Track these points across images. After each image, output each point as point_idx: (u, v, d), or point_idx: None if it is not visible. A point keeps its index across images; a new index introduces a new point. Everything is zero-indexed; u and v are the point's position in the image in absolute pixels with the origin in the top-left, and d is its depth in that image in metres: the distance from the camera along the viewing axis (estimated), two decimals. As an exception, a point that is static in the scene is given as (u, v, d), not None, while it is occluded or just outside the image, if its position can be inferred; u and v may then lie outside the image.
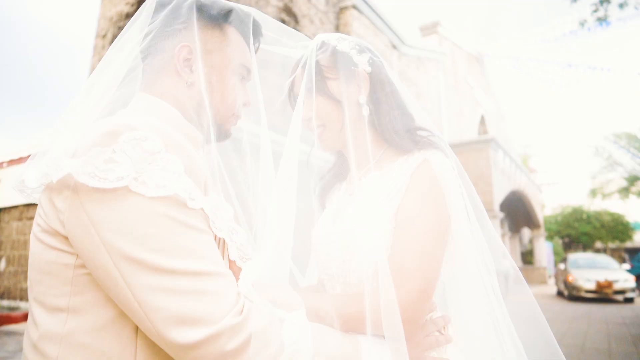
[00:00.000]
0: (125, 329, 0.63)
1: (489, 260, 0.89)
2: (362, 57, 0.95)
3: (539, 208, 23.21)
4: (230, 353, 0.59)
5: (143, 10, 0.82)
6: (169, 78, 0.81)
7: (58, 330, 0.63)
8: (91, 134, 0.64)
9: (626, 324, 8.90)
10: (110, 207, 0.61)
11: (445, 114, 16.62)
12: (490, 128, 22.42)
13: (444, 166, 0.87)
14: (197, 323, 0.59)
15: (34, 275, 0.67)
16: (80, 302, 0.63)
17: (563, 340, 7.00)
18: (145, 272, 0.59)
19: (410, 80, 13.97)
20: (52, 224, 0.64)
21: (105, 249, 0.60)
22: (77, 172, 0.60)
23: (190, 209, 0.64)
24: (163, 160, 0.64)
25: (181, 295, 0.59)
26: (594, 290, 13.50)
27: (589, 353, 6.05)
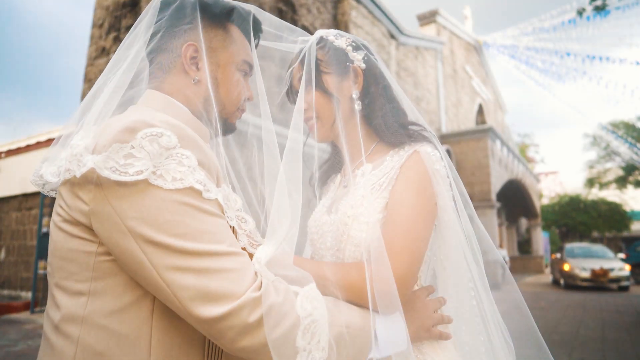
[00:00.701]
0: (142, 312, 0.68)
1: (477, 250, 0.93)
2: (358, 53, 0.98)
3: (537, 198, 23.32)
4: (251, 325, 0.64)
5: (149, 9, 0.85)
6: (176, 76, 0.85)
7: (79, 312, 0.67)
8: (110, 130, 0.67)
9: (620, 312, 9.02)
10: (132, 198, 0.65)
11: (444, 103, 16.61)
12: (488, 118, 22.42)
13: (432, 157, 0.91)
14: (220, 299, 0.64)
15: (55, 262, 0.71)
16: (101, 286, 0.68)
17: (558, 328, 7.10)
18: (171, 255, 0.64)
19: (408, 70, 13.94)
20: (75, 214, 0.68)
21: (131, 236, 0.64)
22: (99, 167, 0.63)
23: (205, 199, 0.69)
24: (178, 155, 0.68)
25: (205, 274, 0.64)
26: (589, 279, 13.76)
27: (583, 340, 6.15)
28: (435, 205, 0.89)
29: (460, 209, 0.93)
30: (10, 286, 10.59)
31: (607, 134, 25.43)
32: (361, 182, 0.94)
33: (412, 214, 0.84)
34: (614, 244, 33.46)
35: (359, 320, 0.76)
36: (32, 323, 7.68)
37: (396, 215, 0.85)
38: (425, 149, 0.92)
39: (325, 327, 0.69)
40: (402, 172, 0.90)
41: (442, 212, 0.91)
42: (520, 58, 20.88)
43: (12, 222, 11.01)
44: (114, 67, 0.83)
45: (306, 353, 0.67)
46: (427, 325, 0.88)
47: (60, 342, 0.68)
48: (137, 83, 0.83)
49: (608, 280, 13.61)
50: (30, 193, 10.51)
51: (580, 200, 30.01)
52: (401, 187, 0.88)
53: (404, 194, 0.87)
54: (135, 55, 0.82)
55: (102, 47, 8.73)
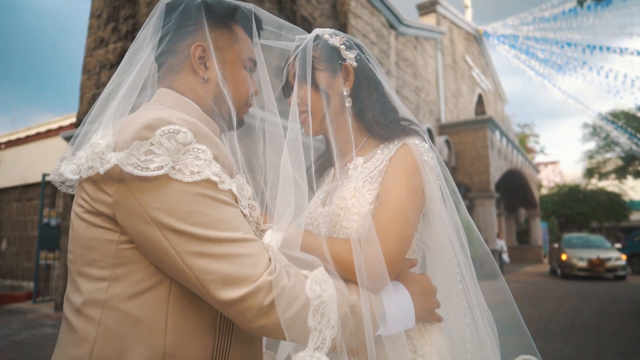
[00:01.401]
0: (158, 297, 0.73)
1: (463, 238, 0.98)
2: (350, 52, 1.02)
3: (536, 188, 23.38)
4: (267, 307, 0.69)
5: (155, 12, 0.89)
6: (186, 76, 0.89)
7: (100, 297, 0.72)
8: (130, 128, 0.72)
9: (617, 301, 9.11)
10: (154, 191, 0.70)
11: (443, 93, 16.58)
12: (488, 108, 22.39)
13: (421, 149, 0.95)
14: (239, 282, 0.69)
15: (77, 250, 0.76)
16: (121, 273, 0.72)
17: (554, 317, 7.18)
18: (192, 242, 0.69)
19: (407, 60, 13.90)
20: (98, 206, 0.73)
21: (155, 225, 0.69)
22: (122, 163, 0.68)
23: (220, 190, 0.74)
24: (195, 150, 0.72)
25: (224, 260, 0.69)
26: (586, 269, 13.93)
27: (579, 329, 6.23)
28: (423, 193, 0.93)
29: (447, 199, 0.97)
30: (12, 276, 10.68)
31: (607, 124, 25.39)
32: (353, 175, 0.98)
33: (401, 199, 0.88)
34: (612, 234, 33.59)
35: (371, 301, 0.81)
36: (35, 312, 7.76)
37: (386, 201, 0.89)
38: (414, 141, 0.96)
39: (334, 308, 0.74)
40: (391, 163, 0.94)
41: (429, 201, 0.95)
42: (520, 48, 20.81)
43: (13, 212, 11.07)
44: (126, 69, 0.87)
45: (317, 332, 0.72)
46: (431, 308, 0.93)
47: (82, 324, 0.72)
48: (151, 84, 0.88)
49: (605, 270, 13.79)
50: (30, 184, 10.55)
51: (580, 190, 30.05)
52: (390, 176, 0.92)
53: (393, 181, 0.91)
54: (146, 58, 0.86)
55: (100, 38, 8.71)
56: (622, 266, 13.90)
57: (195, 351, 0.74)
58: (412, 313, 0.87)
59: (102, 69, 8.44)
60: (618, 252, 14.52)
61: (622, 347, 5.21)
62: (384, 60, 12.21)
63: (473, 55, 21.18)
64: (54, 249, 8.89)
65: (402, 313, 0.86)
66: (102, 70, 8.43)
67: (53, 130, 10.48)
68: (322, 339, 0.71)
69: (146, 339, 0.71)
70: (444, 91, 16.80)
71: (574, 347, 5.17)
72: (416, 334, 0.90)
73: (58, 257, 8.55)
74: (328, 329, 0.72)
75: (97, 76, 8.50)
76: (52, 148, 9.99)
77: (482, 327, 0.95)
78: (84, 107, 8.55)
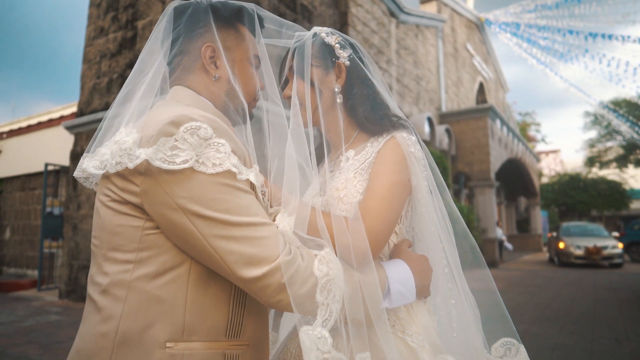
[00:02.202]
0: (179, 278, 0.80)
1: (449, 228, 1.03)
2: (344, 52, 1.07)
3: (536, 177, 23.39)
4: (284, 284, 0.76)
5: (164, 16, 0.96)
6: (198, 75, 0.96)
7: (126, 278, 0.79)
8: (154, 124, 0.79)
9: (614, 289, 9.21)
10: (180, 182, 0.77)
11: (444, 82, 16.54)
12: (489, 96, 22.32)
13: (408, 141, 1.01)
14: (260, 262, 0.76)
15: (104, 236, 0.83)
16: (145, 256, 0.80)
17: (552, 304, 7.28)
18: (217, 226, 0.76)
19: (408, 48, 13.85)
20: (125, 195, 0.80)
21: (182, 212, 0.76)
22: (151, 158, 0.75)
23: (239, 180, 0.81)
24: (215, 144, 0.79)
25: (245, 242, 0.76)
26: (582, 257, 14.20)
27: (575, 316, 6.33)
28: (409, 181, 0.99)
29: (434, 189, 1.03)
30: (16, 264, 10.79)
31: (609, 112, 25.30)
32: (345, 167, 1.04)
33: (387, 186, 0.94)
34: (613, 222, 33.66)
35: (374, 278, 0.89)
36: (40, 300, 7.88)
37: (373, 186, 0.96)
38: (402, 134, 1.01)
39: (340, 284, 0.81)
40: (379, 155, 1.00)
41: (416, 191, 1.01)
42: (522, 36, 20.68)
43: (16, 202, 11.15)
44: (141, 70, 0.94)
45: (325, 307, 0.79)
46: (428, 285, 1.01)
47: (109, 303, 0.79)
48: (165, 84, 0.96)
49: (601, 258, 14.03)
50: (33, 173, 10.61)
51: (580, 179, 30.04)
52: (378, 165, 0.98)
53: (380, 170, 0.97)
54: (161, 60, 0.93)
55: (100, 27, 8.70)
56: (618, 254, 14.12)
57: (211, 326, 0.81)
58: (413, 289, 0.95)
59: (102, 59, 8.44)
60: (615, 241, 14.72)
61: (616, 334, 5.30)
62: (385, 48, 12.17)
63: (474, 43, 21.07)
64: (57, 237, 8.99)
65: (405, 289, 0.94)
66: (102, 60, 8.44)
67: (55, 120, 10.51)
68: (329, 312, 0.78)
69: (167, 315, 0.78)
70: (445, 80, 16.75)
71: (569, 333, 5.27)
72: (405, 315, 0.96)
73: (62, 246, 8.66)
74: (334, 303, 0.79)
75: (97, 65, 8.51)
76: (54, 137, 10.03)
77: (466, 308, 1.01)
78: (85, 96, 8.58)
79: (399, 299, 0.93)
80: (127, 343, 0.77)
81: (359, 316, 0.84)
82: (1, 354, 4.38)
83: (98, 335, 0.78)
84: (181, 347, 0.78)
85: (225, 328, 0.83)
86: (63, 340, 4.89)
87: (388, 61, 12.34)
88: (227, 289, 0.84)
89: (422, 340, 0.93)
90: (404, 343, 0.92)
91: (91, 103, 8.42)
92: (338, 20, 10.25)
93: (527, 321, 5.90)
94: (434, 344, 0.94)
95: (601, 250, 14.07)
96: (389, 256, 1.01)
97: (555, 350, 4.53)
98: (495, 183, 15.38)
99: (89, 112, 8.36)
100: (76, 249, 7.94)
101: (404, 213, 1.03)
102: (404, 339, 0.93)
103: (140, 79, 0.93)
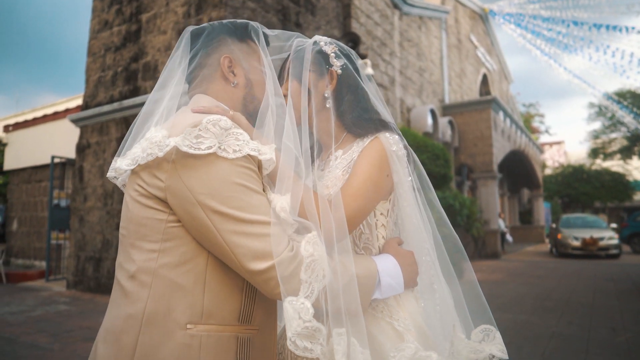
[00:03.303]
0: (198, 267, 0.89)
1: (430, 217, 1.13)
2: (338, 61, 1.16)
3: (539, 169, 23.38)
4: (286, 277, 0.84)
5: (182, 40, 1.08)
6: (218, 84, 1.08)
7: (151, 266, 0.89)
8: (182, 122, 0.90)
9: (614, 280, 9.29)
10: (200, 173, 0.86)
11: (447, 74, 16.52)
12: (493, 88, 22.26)
13: (390, 140, 1.09)
14: (266, 257, 0.84)
15: (131, 227, 0.93)
16: (168, 246, 0.89)
17: (552, 295, 7.37)
18: (230, 222, 0.85)
19: (411, 40, 13.84)
20: (152, 190, 0.90)
21: (200, 207, 0.86)
22: (179, 144, 0.84)
23: (256, 178, 0.91)
24: (235, 133, 0.89)
25: (254, 238, 0.85)
26: (579, 247, 14.60)
27: (573, 306, 6.42)
28: (388, 177, 1.07)
29: (417, 186, 1.12)
30: (24, 255, 10.96)
31: (613, 104, 25.19)
32: (334, 165, 1.12)
33: (364, 177, 1.03)
34: (616, 214, 33.63)
35: (366, 271, 0.98)
36: (48, 290, 8.03)
37: (352, 174, 1.05)
38: (384, 134, 1.09)
39: (324, 265, 0.89)
40: (362, 152, 1.08)
41: (397, 186, 1.09)
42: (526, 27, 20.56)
43: (23, 194, 11.29)
44: (164, 85, 1.05)
45: (307, 284, 0.87)
46: (415, 278, 1.09)
47: (136, 288, 0.89)
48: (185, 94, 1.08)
49: (597, 249, 14.38)
50: (39, 166, 10.73)
51: (584, 170, 29.99)
52: (360, 159, 1.07)
53: (360, 164, 1.06)
54: (181, 73, 1.05)
55: (104, 20, 8.75)
56: (615, 245, 14.48)
57: (226, 310, 0.91)
58: (401, 281, 1.04)
59: (107, 52, 8.51)
60: (612, 232, 15.03)
61: (613, 323, 5.39)
62: (388, 40, 12.18)
63: (478, 34, 20.98)
64: (64, 229, 9.13)
65: (394, 281, 1.03)
66: (107, 53, 8.50)
67: (60, 113, 10.61)
68: (311, 289, 0.86)
69: (188, 300, 0.88)
70: (448, 71, 16.73)
71: (567, 323, 5.36)
72: (392, 302, 1.05)
73: (68, 238, 8.80)
74: (317, 281, 0.87)
75: (102, 59, 8.58)
76: (59, 130, 10.14)
77: (447, 294, 1.10)
78: (90, 89, 8.66)
79: (388, 291, 1.01)
80: (153, 323, 0.87)
81: (354, 305, 0.92)
82: (13, 342, 4.52)
83: (126, 316, 0.88)
84: (200, 329, 0.88)
85: (238, 314, 0.93)
86: (72, 329, 5.03)
87: (391, 53, 12.35)
88: (240, 280, 0.93)
89: (409, 325, 1.01)
90: (392, 327, 1.01)
91: (96, 96, 8.50)
92: (341, 12, 10.26)
93: (526, 311, 6.00)
94: (420, 327, 1.02)
95: (597, 241, 14.41)
96: (380, 250, 1.09)
97: (553, 339, 4.63)
98: (498, 175, 15.42)
99: (94, 105, 8.44)
100: (83, 240, 8.08)
101: (391, 207, 1.11)
102: (391, 323, 1.02)
103: (162, 93, 1.04)
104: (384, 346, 0.96)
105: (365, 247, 1.10)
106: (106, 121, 8.17)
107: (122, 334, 0.88)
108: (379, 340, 0.96)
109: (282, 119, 1.01)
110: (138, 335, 0.86)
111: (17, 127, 11.68)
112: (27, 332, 4.91)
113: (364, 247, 1.10)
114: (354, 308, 0.92)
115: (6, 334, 4.83)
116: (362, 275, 0.96)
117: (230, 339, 0.91)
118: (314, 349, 0.82)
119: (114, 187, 7.76)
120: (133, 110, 7.56)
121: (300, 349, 0.82)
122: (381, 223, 1.11)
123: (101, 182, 8.01)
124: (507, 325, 5.13)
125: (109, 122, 8.12)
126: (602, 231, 15.02)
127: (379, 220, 1.11)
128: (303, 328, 0.82)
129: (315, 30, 9.14)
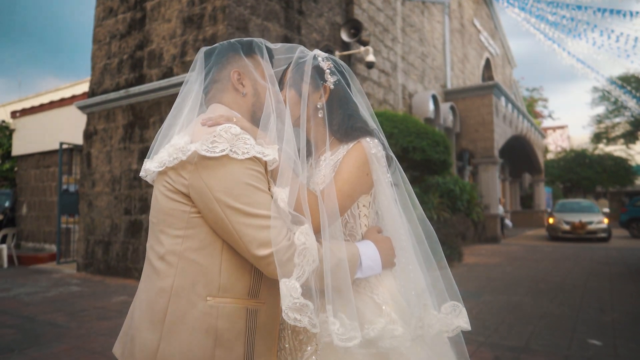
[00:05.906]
0: (215, 250, 1.07)
1: (403, 208, 1.32)
2: (332, 77, 1.33)
3: (541, 154, 23.41)
4: (283, 261, 1.01)
5: (197, 60, 1.26)
6: (230, 94, 1.25)
7: (177, 249, 1.07)
8: (201, 129, 1.07)
9: (609, 264, 9.49)
10: (217, 173, 1.03)
11: (449, 59, 16.52)
12: (496, 73, 22.19)
13: (370, 144, 1.26)
14: (268, 245, 1.01)
15: (160, 216, 1.11)
16: (190, 233, 1.07)
17: (547, 278, 7.58)
18: (240, 215, 1.02)
19: (414, 25, 13.84)
20: (178, 186, 1.07)
21: (216, 202, 1.03)
22: (199, 149, 1.02)
23: (262, 178, 1.06)
24: (243, 138, 1.05)
25: (259, 229, 1.01)
26: (568, 231, 15.41)
27: (566, 289, 6.63)
28: (367, 176, 1.25)
29: (393, 181, 1.31)
30: (34, 239, 11.24)
31: (617, 88, 25.09)
32: (323, 165, 1.30)
33: (348, 175, 1.21)
34: (617, 198, 33.67)
35: (349, 255, 1.16)
36: (59, 272, 8.30)
37: (337, 174, 1.23)
38: (366, 139, 1.27)
39: (314, 252, 1.06)
40: (347, 154, 1.27)
41: (377, 184, 1.27)
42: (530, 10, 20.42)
43: (32, 179, 11.51)
44: (184, 98, 1.24)
45: (300, 267, 1.05)
46: (392, 260, 1.28)
47: (165, 267, 1.09)
48: (202, 104, 1.27)
49: (585, 232, 15.15)
50: (47, 151, 10.92)
51: (586, 155, 29.95)
52: (344, 161, 1.25)
53: (343, 164, 1.24)
54: (198, 86, 1.24)
55: (109, 8, 8.84)
56: (603, 229, 15.22)
57: (238, 287, 1.10)
58: (379, 263, 1.22)
59: (112, 39, 8.61)
60: (602, 216, 15.65)
61: (602, 304, 5.61)
62: (390, 26, 12.22)
63: (482, 18, 20.85)
64: (73, 214, 9.39)
65: (373, 263, 1.21)
66: (112, 41, 8.61)
67: (66, 99, 10.77)
68: (302, 271, 1.04)
69: (207, 277, 1.08)
70: (451, 56, 16.72)
71: (558, 304, 5.58)
72: (373, 280, 1.24)
73: (78, 222, 9.04)
74: (307, 265, 1.06)
75: (107, 46, 8.69)
76: (66, 116, 10.32)
77: (421, 275, 1.29)
78: (96, 77, 8.80)
79: (368, 271, 1.21)
80: (179, 295, 1.07)
81: (342, 283, 1.11)
82: (32, 321, 4.78)
83: (158, 289, 1.09)
84: (217, 301, 1.06)
85: (248, 290, 1.12)
86: (87, 308, 5.30)
87: (393, 39, 12.40)
88: (249, 263, 1.08)
89: (387, 298, 1.21)
90: (372, 300, 1.21)
91: (102, 83, 8.65)
92: (343, -1, 10.30)
93: (521, 293, 6.22)
94: (397, 300, 1.22)
95: (586, 225, 15.15)
96: (362, 237, 1.29)
97: (543, 318, 4.85)
98: (499, 160, 15.54)
99: (101, 92, 8.59)
100: (92, 224, 8.31)
101: (372, 200, 1.30)
102: (372, 297, 1.22)
103: (182, 105, 1.23)
104: (365, 316, 1.17)
105: (350, 234, 1.29)
106: (112, 108, 8.33)
107: (155, 303, 1.08)
108: (361, 311, 1.16)
109: (283, 122, 1.19)
110: (168, 305, 1.07)
111: (25, 113, 11.85)
112: (44, 311, 5.17)
113: (349, 234, 1.29)
114: (342, 285, 1.12)
115: (25, 313, 5.10)
116: (347, 259, 1.15)
117: (242, 310, 1.10)
118: (302, 319, 1.02)
119: (121, 174, 7.96)
120: (139, 97, 7.71)
121: (292, 319, 1.02)
122: (364, 214, 1.30)
123: (109, 167, 8.21)
124: (500, 306, 5.35)
125: (116, 109, 8.28)
126: (591, 215, 15.67)
127: (362, 211, 1.30)
128: (293, 303, 1.01)
129: (318, 17, 9.22)
